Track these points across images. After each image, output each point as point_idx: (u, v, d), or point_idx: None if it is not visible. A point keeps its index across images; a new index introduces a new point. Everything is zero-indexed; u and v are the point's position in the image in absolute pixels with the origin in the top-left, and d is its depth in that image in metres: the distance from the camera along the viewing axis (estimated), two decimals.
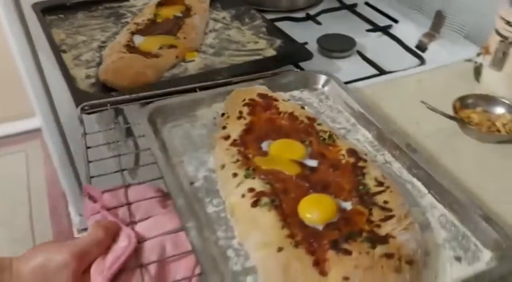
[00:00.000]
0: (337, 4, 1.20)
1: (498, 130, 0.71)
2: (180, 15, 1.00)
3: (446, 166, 0.66)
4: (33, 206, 1.89)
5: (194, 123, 0.72)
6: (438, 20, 0.96)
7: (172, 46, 0.89)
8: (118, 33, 0.95)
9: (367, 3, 1.18)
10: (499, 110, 0.74)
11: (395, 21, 1.09)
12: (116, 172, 0.63)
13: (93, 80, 0.83)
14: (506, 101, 0.74)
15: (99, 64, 0.86)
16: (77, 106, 0.73)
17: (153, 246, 0.55)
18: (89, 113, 0.74)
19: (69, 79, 0.81)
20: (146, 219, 0.58)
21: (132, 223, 0.56)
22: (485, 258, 0.52)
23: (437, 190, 0.60)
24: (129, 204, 0.58)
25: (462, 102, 0.75)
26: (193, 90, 0.76)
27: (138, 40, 0.91)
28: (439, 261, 0.52)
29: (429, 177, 0.61)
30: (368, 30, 1.07)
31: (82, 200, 0.60)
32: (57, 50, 0.89)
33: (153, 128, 0.68)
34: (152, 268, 0.53)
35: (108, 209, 0.57)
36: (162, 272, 0.53)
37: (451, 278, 0.50)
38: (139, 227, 0.56)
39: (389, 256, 0.48)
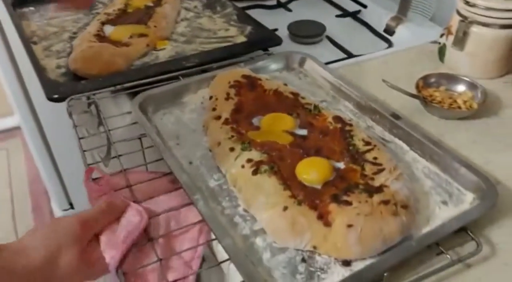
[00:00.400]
0: None
1: (459, 107, 0.74)
2: (151, 4, 1.02)
3: None
4: (16, 204, 1.88)
5: (183, 109, 0.75)
6: (405, 4, 1.00)
7: (142, 35, 0.91)
8: (90, 24, 0.97)
9: None
10: (461, 88, 0.77)
11: (364, 6, 1.13)
12: (113, 157, 0.65)
13: (63, 70, 0.84)
14: (467, 79, 0.77)
15: (69, 54, 0.87)
16: (46, 95, 0.75)
17: (160, 222, 0.58)
18: (58, 101, 0.75)
19: (39, 70, 0.82)
20: (148, 199, 0.61)
21: (137, 203, 0.59)
22: (468, 199, 0.58)
23: (418, 146, 0.65)
24: (130, 186, 0.61)
25: (425, 81, 0.78)
26: (176, 77, 0.79)
27: (109, 30, 0.93)
28: (428, 206, 0.57)
29: (409, 135, 0.66)
30: (337, 16, 1.11)
31: (85, 185, 0.61)
32: (27, 42, 0.89)
33: (145, 116, 0.70)
34: (160, 242, 0.56)
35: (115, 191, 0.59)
36: (169, 245, 0.56)
37: (441, 218, 0.55)
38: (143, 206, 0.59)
39: (386, 202, 0.52)
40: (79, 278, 0.52)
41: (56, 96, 0.75)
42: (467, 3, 0.77)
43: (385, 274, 0.48)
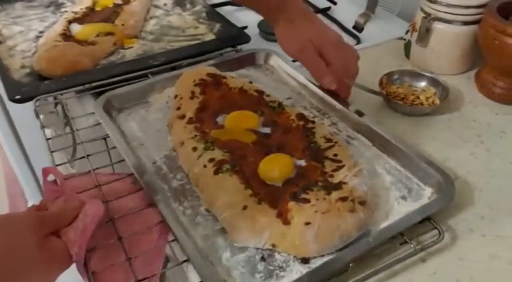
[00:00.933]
0: None
1: (422, 104, 0.74)
2: (120, 2, 1.01)
3: None
4: None
5: (149, 109, 0.74)
6: (372, 1, 1.01)
7: (109, 34, 0.90)
8: (56, 22, 0.95)
9: None
10: (423, 84, 0.77)
11: (334, 3, 1.13)
12: (79, 158, 0.65)
13: (28, 70, 0.83)
14: (430, 75, 0.77)
15: (35, 54, 0.86)
16: (8, 96, 0.74)
17: (126, 222, 0.58)
18: (20, 102, 0.75)
19: (2, 70, 0.81)
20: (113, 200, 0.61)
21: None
22: (427, 194, 0.59)
23: (380, 142, 0.66)
24: (99, 185, 0.61)
25: (389, 78, 0.78)
26: (143, 76, 0.79)
27: (75, 28, 0.91)
28: (388, 201, 0.58)
29: (372, 131, 0.67)
30: None
31: (43, 186, 0.61)
32: None
33: (109, 117, 0.70)
34: (125, 243, 0.56)
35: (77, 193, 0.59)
36: (133, 245, 0.56)
37: (400, 213, 0.56)
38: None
39: (343, 199, 0.53)
40: (40, 268, 0.49)
41: (18, 97, 0.75)
42: (430, 0, 0.78)
43: (350, 265, 0.50)
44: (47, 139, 0.70)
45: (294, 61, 0.85)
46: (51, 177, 0.58)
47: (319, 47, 0.70)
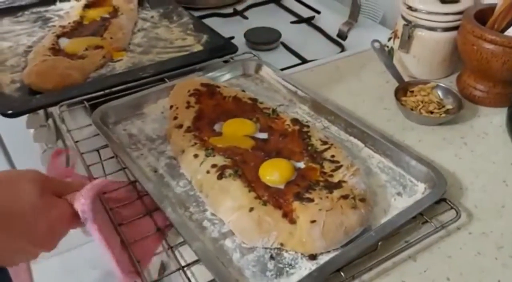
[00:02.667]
0: None
1: (432, 112, 0.76)
2: (108, 16, 1.03)
3: None
4: None
5: (145, 120, 0.76)
6: (354, 9, 1.04)
7: (98, 47, 0.91)
8: (45, 37, 0.96)
9: None
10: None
11: (318, 12, 1.16)
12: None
13: (18, 85, 0.84)
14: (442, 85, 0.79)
15: (24, 68, 0.86)
16: (0, 111, 0.74)
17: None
18: (12, 117, 0.75)
19: None
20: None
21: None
22: (420, 189, 0.62)
23: (372, 142, 0.69)
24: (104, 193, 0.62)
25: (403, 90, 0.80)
26: (133, 88, 0.80)
27: (64, 43, 0.92)
28: (385, 198, 0.61)
29: (363, 133, 0.70)
30: (292, 22, 1.15)
31: (50, 168, 0.60)
32: None
33: (106, 128, 0.71)
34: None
35: None
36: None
37: (397, 208, 0.59)
38: None
39: (345, 197, 0.56)
40: (43, 221, 0.48)
41: (10, 112, 0.75)
42: (410, 8, 0.82)
43: (379, 243, 0.53)
44: (44, 151, 0.70)
45: (282, 70, 0.88)
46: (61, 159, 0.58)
47: None
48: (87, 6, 1.06)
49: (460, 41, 0.78)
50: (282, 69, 0.90)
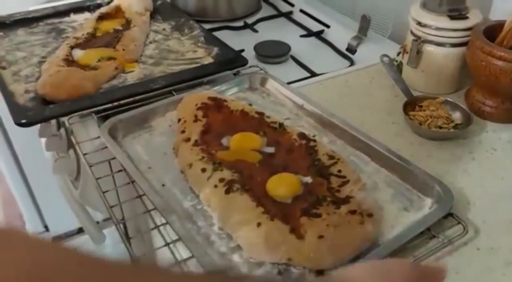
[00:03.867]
0: (274, 12, 1.26)
1: (440, 127, 0.76)
2: (120, 28, 1.04)
3: None
4: None
5: (152, 133, 0.76)
6: (364, 24, 1.04)
7: (111, 58, 0.92)
8: (58, 48, 0.97)
9: (302, 11, 1.24)
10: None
11: (327, 26, 1.16)
12: None
13: (32, 94, 0.84)
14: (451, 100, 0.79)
15: (38, 79, 0.87)
16: (14, 120, 0.76)
17: None
18: (26, 126, 0.76)
19: (7, 95, 0.83)
20: None
21: None
22: (427, 204, 0.62)
23: (378, 157, 0.69)
24: None
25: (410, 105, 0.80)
26: (144, 99, 0.81)
27: (78, 54, 0.94)
28: (392, 213, 0.61)
29: (369, 147, 0.70)
30: (302, 36, 1.15)
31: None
32: None
33: (114, 141, 0.72)
34: None
35: None
36: None
37: (404, 223, 0.59)
38: None
39: (352, 212, 0.56)
40: None
41: (24, 121, 0.76)
42: (419, 23, 0.82)
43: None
44: (56, 160, 0.71)
45: (290, 83, 0.88)
46: None
47: None
48: (100, 18, 1.07)
49: (469, 57, 0.78)
50: (291, 82, 0.90)
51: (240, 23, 1.21)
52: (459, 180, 0.68)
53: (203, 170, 0.64)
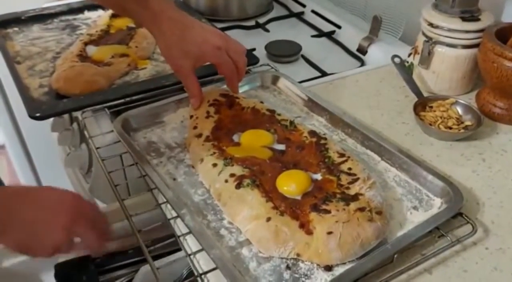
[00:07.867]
0: (285, 12, 1.27)
1: (451, 128, 0.76)
2: (133, 25, 1.05)
3: None
4: None
5: (164, 128, 0.77)
6: (375, 25, 1.04)
7: (124, 55, 0.93)
8: (72, 44, 0.99)
9: (313, 11, 1.24)
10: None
11: (339, 27, 1.17)
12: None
13: (46, 89, 0.86)
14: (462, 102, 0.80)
15: (52, 74, 0.89)
16: (29, 114, 0.77)
17: None
18: (40, 119, 0.78)
19: (22, 89, 0.84)
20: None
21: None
22: (437, 204, 0.63)
23: (388, 156, 0.69)
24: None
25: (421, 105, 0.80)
26: (156, 95, 0.82)
27: (91, 50, 0.95)
28: (401, 212, 0.61)
29: (379, 146, 0.70)
30: (313, 36, 1.15)
31: None
32: (11, 62, 0.92)
33: (127, 135, 0.73)
34: None
35: None
36: None
37: (412, 222, 0.59)
38: None
39: (362, 209, 0.56)
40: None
41: (38, 114, 0.78)
42: (431, 25, 0.83)
43: (395, 256, 0.53)
44: (68, 154, 0.72)
45: (301, 82, 0.89)
46: None
47: (203, 57, 0.74)
48: (114, 16, 1.09)
49: (481, 58, 0.78)
50: (302, 82, 0.91)
51: (251, 23, 1.22)
52: (468, 181, 0.68)
53: (214, 165, 0.65)
